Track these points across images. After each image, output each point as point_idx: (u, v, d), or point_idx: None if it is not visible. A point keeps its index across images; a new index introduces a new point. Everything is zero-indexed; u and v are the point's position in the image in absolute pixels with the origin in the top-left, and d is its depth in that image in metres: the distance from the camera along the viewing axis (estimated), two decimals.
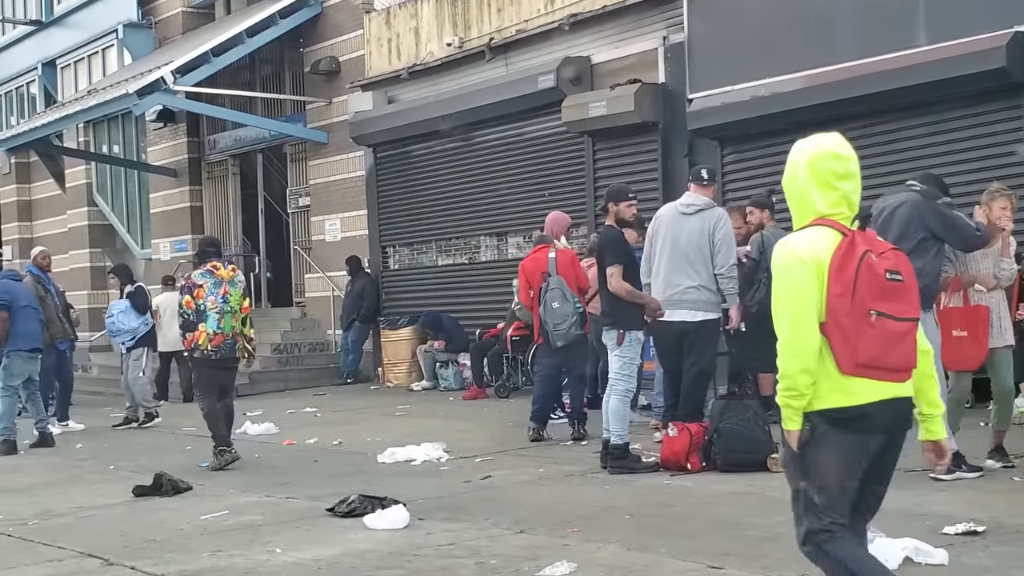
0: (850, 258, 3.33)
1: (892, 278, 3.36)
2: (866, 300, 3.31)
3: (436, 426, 10.38)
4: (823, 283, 3.34)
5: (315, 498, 7.18)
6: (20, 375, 10.62)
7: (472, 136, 14.48)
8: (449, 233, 15.02)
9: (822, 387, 3.34)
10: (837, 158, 3.52)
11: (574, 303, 8.98)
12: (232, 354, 9.05)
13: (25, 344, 10.58)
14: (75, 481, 8.68)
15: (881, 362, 3.32)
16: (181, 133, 20.06)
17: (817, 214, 3.47)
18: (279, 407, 13.04)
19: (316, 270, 17.07)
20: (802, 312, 3.35)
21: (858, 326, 3.30)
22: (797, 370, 3.32)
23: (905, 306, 3.37)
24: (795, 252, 3.40)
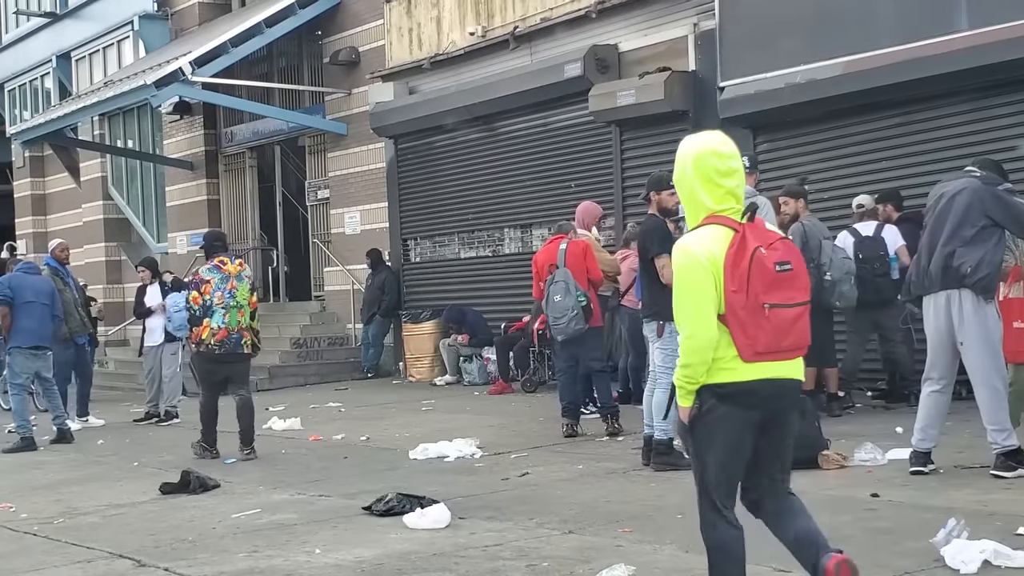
0: (742, 255, 3.57)
1: (782, 269, 3.60)
2: (759, 294, 3.57)
3: (465, 422, 10.17)
4: (720, 280, 3.59)
5: (349, 496, 6.96)
6: (24, 372, 10.39)
7: (496, 126, 14.24)
8: (472, 225, 14.78)
9: (716, 366, 3.61)
10: (719, 156, 3.71)
11: (576, 297, 8.73)
12: (237, 349, 8.98)
13: (25, 341, 10.30)
14: (99, 478, 8.48)
15: (777, 347, 3.62)
16: (198, 125, 19.85)
17: (707, 211, 3.69)
18: (301, 402, 12.84)
19: (335, 263, 16.85)
20: (702, 309, 3.60)
21: (755, 318, 3.57)
22: (698, 361, 3.62)
23: (795, 292, 3.64)
24: (692, 253, 3.64)
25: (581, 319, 8.73)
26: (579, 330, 8.76)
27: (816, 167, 10.77)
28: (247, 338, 9.03)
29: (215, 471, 8.04)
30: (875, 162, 10.55)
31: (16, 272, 10.67)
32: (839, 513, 5.42)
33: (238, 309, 8.94)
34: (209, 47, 15.71)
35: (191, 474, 7.64)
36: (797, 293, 3.66)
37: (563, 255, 8.98)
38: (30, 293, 10.43)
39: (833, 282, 8.52)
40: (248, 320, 9.02)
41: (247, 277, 9.16)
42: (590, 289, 8.82)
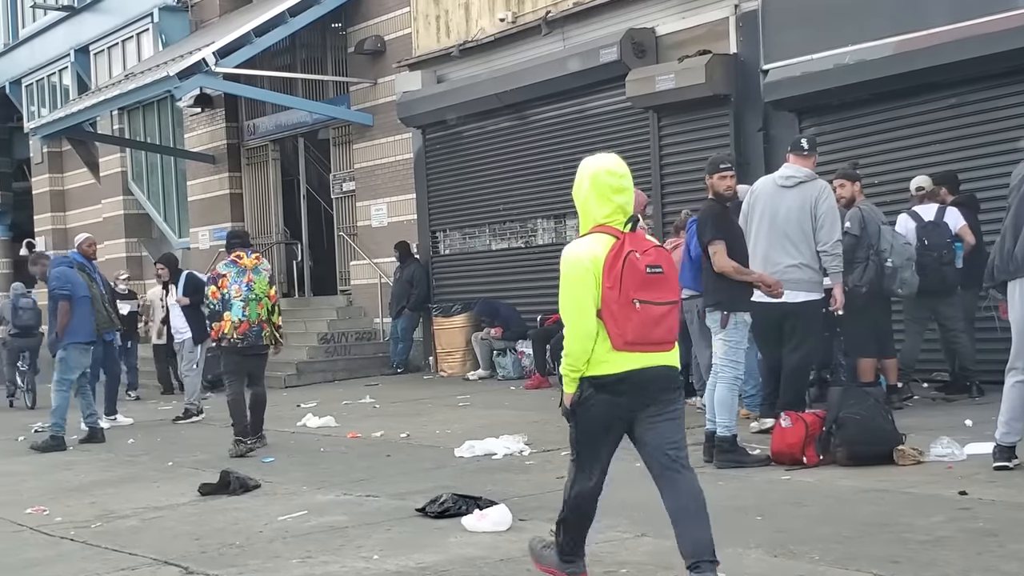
0: (618, 258, 4.05)
1: (652, 271, 4.08)
2: (630, 291, 4.05)
3: (507, 417, 9.86)
4: (599, 280, 4.07)
5: (398, 496, 6.66)
6: (77, 368, 10.17)
7: (527, 114, 13.91)
8: (503, 216, 14.45)
9: (595, 359, 4.11)
10: (613, 174, 4.22)
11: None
12: (259, 341, 9.07)
13: (83, 336, 10.13)
14: (134, 479, 8.19)
15: (646, 339, 4.09)
16: (219, 119, 19.56)
17: (596, 221, 4.21)
18: (332, 398, 12.55)
19: (362, 257, 16.55)
20: (582, 304, 4.11)
21: (625, 312, 4.05)
22: (579, 350, 4.12)
23: (664, 292, 4.12)
24: (577, 256, 4.17)
25: None
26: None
27: (865, 151, 10.41)
28: (267, 330, 9.11)
29: (254, 471, 7.74)
30: (927, 145, 10.18)
31: (64, 267, 10.39)
32: (931, 513, 5.10)
33: (257, 301, 9.00)
34: (232, 37, 15.41)
35: (231, 474, 7.35)
36: (666, 293, 4.14)
37: None
38: (82, 288, 10.23)
39: (895, 268, 8.16)
40: (267, 313, 9.07)
41: (265, 270, 9.20)
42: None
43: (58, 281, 10.19)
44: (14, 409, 15.93)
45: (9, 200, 27.65)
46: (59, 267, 10.38)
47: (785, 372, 7.61)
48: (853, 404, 6.48)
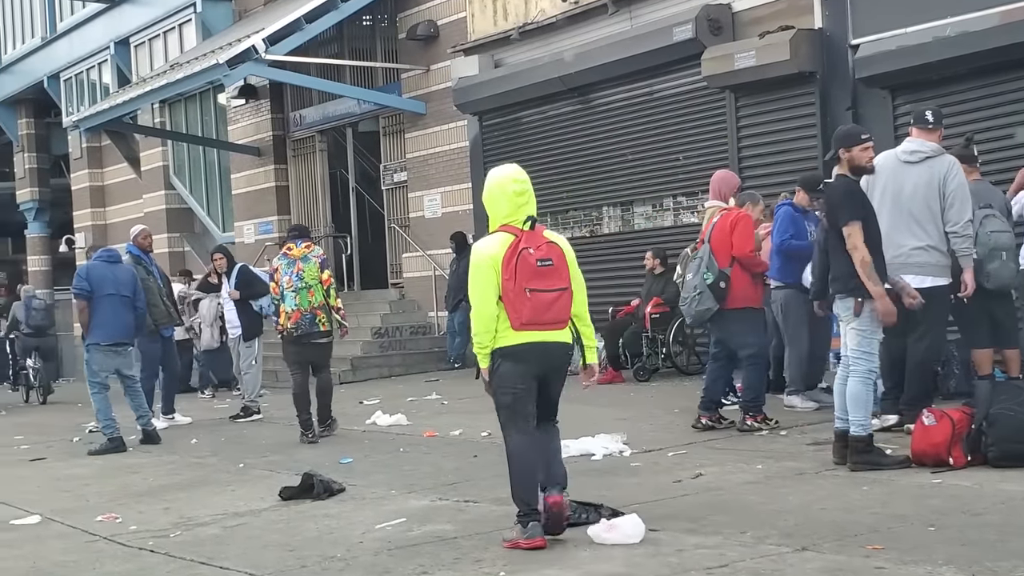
0: (513, 254, 4.90)
1: (542, 264, 4.93)
2: (523, 282, 4.88)
3: (590, 414, 9.28)
4: (498, 272, 4.92)
5: (500, 501, 6.10)
6: (103, 370, 9.64)
7: (592, 98, 13.33)
8: (567, 204, 13.88)
9: (500, 335, 4.99)
10: (515, 181, 5.08)
11: (703, 275, 7.84)
12: (313, 329, 9.20)
13: (103, 337, 9.54)
14: (204, 482, 7.69)
15: (537, 320, 4.93)
16: (264, 110, 19.09)
17: (502, 221, 5.06)
18: (395, 394, 12.05)
19: (415, 249, 16.03)
20: (485, 293, 4.98)
21: (519, 299, 4.89)
22: (483, 330, 5.02)
23: (553, 281, 4.97)
24: (482, 253, 5.06)
25: (708, 299, 7.85)
26: (705, 312, 7.89)
27: (968, 129, 9.75)
28: (321, 317, 9.21)
29: (333, 472, 7.22)
30: None
31: (95, 261, 9.87)
32: None
33: (307, 290, 9.15)
34: (282, 24, 14.91)
35: (314, 477, 6.82)
36: (555, 282, 4.99)
37: (711, 229, 8.09)
38: (110, 285, 9.65)
39: (979, 260, 7.34)
40: (320, 299, 9.19)
41: (315, 257, 9.36)
42: (734, 266, 7.90)
43: (77, 279, 9.68)
44: (29, 405, 16.19)
45: (47, 197, 27.34)
46: (89, 264, 9.84)
47: (910, 364, 7.04)
48: (1005, 399, 5.88)
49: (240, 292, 11.26)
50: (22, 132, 27.07)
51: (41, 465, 9.19)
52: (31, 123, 26.95)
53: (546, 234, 5.13)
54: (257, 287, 11.20)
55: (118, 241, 24.22)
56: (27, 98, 26.44)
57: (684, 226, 12.38)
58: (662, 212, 12.69)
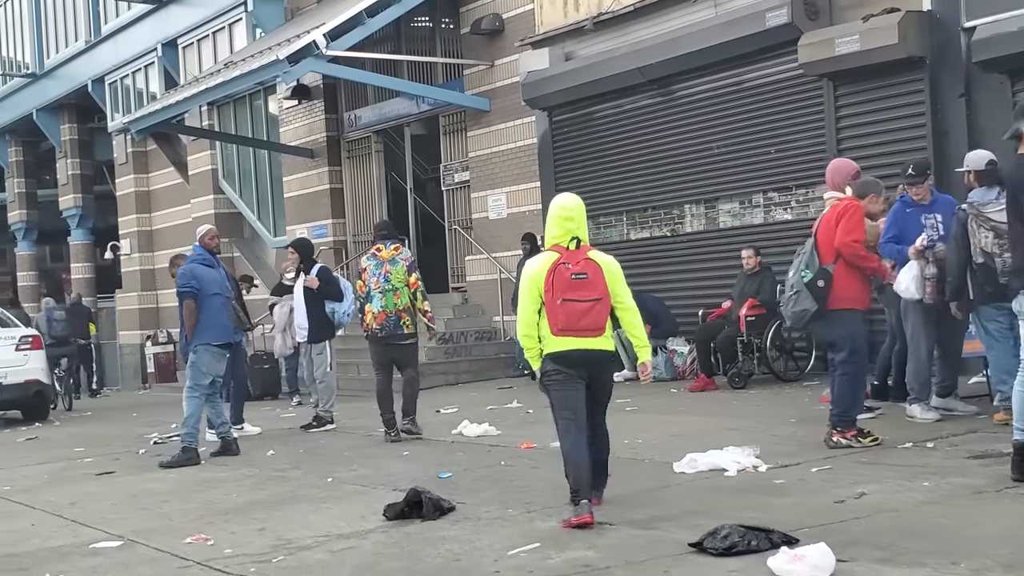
0: (552, 269, 5.63)
1: (576, 278, 5.60)
2: (558, 293, 5.60)
3: (699, 424, 8.65)
4: (540, 285, 5.66)
5: (642, 524, 5.47)
6: (211, 373, 9.16)
7: (673, 89, 12.68)
8: (644, 203, 13.23)
9: (545, 341, 5.72)
10: (564, 209, 5.78)
11: (801, 273, 7.14)
12: (397, 331, 9.23)
13: (215, 337, 9.11)
14: (294, 499, 7.08)
15: (573, 327, 5.62)
16: (317, 110, 18.58)
17: (552, 241, 5.78)
18: (471, 402, 11.44)
19: (479, 251, 15.43)
20: (525, 303, 5.76)
21: (554, 308, 5.62)
22: (523, 335, 5.82)
23: (587, 292, 5.61)
24: (528, 270, 5.81)
25: (806, 299, 7.12)
26: (802, 313, 7.16)
27: None
28: (405, 319, 9.24)
29: (433, 487, 6.59)
30: None
31: (191, 264, 9.38)
32: None
33: (393, 292, 9.19)
34: (343, 18, 14.35)
35: (423, 494, 6.20)
36: (589, 293, 5.58)
37: (819, 221, 7.40)
38: (216, 284, 9.25)
39: None
40: (406, 301, 9.22)
41: (403, 260, 9.36)
42: (838, 262, 7.14)
43: (183, 278, 9.25)
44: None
45: (90, 203, 26.99)
46: (189, 264, 9.39)
47: None
48: None
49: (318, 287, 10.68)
50: (65, 138, 26.73)
51: (111, 480, 8.62)
52: (74, 128, 26.62)
53: (590, 254, 5.76)
54: (333, 287, 10.63)
55: (164, 247, 23.82)
56: (70, 103, 26.10)
57: (775, 223, 11.71)
58: (751, 209, 12.01)
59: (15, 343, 14.00)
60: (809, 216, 11.39)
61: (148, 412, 15.15)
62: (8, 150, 29.70)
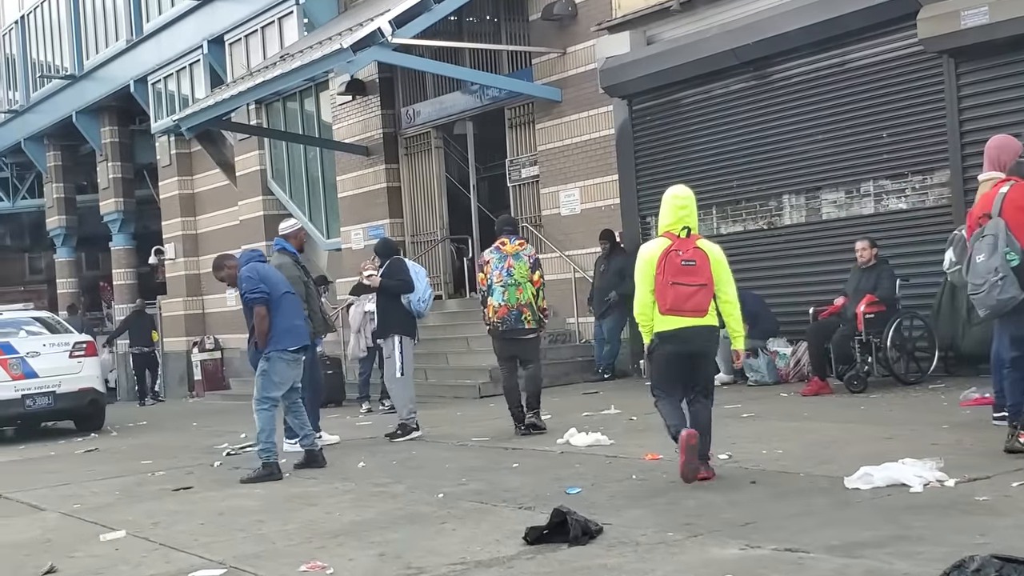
0: (664, 255, 6.30)
1: (686, 264, 6.27)
2: (669, 276, 6.29)
3: (834, 432, 7.83)
4: (653, 267, 6.34)
5: (844, 551, 4.65)
6: (285, 382, 8.35)
7: (770, 72, 11.86)
8: (737, 194, 12.41)
9: (655, 321, 6.41)
10: (678, 198, 6.44)
11: (1005, 256, 6.32)
12: (518, 325, 9.15)
13: (291, 343, 8.30)
14: (408, 518, 6.29)
15: (680, 307, 6.30)
16: (373, 106, 17.86)
17: (665, 228, 6.43)
18: (559, 408, 10.63)
19: (551, 249, 14.63)
20: (641, 284, 6.44)
21: (665, 289, 6.30)
22: (638, 312, 6.49)
23: (694, 278, 6.28)
24: (643, 253, 6.50)
25: (1013, 285, 6.32)
26: (1009, 301, 6.36)
27: None
28: (527, 314, 9.17)
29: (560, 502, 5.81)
30: None
31: (253, 263, 8.55)
32: None
33: (516, 287, 9.11)
34: (409, 4, 13.60)
35: (570, 516, 5.40)
36: (696, 279, 6.30)
37: (1000, 201, 6.56)
38: (284, 283, 8.47)
39: None
40: (528, 297, 9.14)
41: (527, 256, 9.26)
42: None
43: (249, 282, 8.28)
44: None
45: (132, 208, 26.42)
46: (248, 263, 8.49)
47: None
48: None
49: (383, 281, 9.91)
50: (105, 140, 26.16)
51: (190, 496, 7.88)
52: (115, 131, 26.03)
53: (699, 243, 6.36)
54: (395, 279, 9.80)
55: (210, 251, 23.14)
56: (110, 105, 25.53)
57: (888, 213, 10.89)
58: (859, 198, 11.17)
59: (68, 349, 13.31)
60: (927, 205, 10.58)
61: (207, 421, 14.47)
62: (47, 154, 29.20)
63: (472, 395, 13.16)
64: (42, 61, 28.22)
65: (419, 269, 10.20)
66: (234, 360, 22.04)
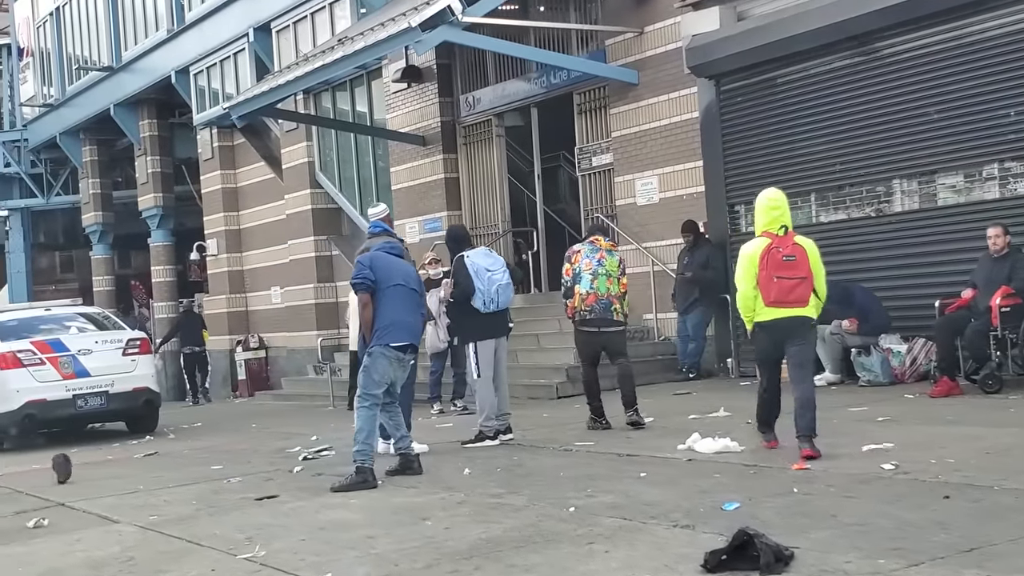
0: (766, 252, 6.88)
1: (787, 259, 6.85)
2: (772, 271, 6.84)
3: (1011, 439, 6.98)
4: (755, 264, 6.91)
5: None
6: (385, 381, 7.59)
7: (880, 47, 10.98)
8: (839, 180, 11.52)
9: (758, 312, 6.99)
10: (771, 200, 7.06)
11: None
12: (606, 314, 8.96)
13: (394, 338, 7.55)
14: (545, 537, 5.46)
15: (783, 300, 6.87)
16: (430, 93, 17.07)
17: (763, 228, 7.02)
18: (656, 410, 9.81)
19: (627, 241, 13.79)
20: (744, 281, 7.00)
21: (768, 283, 6.87)
22: (742, 307, 7.11)
23: (795, 272, 6.85)
24: (745, 252, 7.06)
25: None
26: None
27: None
28: (616, 306, 9.00)
29: (716, 517, 5.01)
30: None
31: (374, 252, 7.85)
32: None
33: (607, 277, 8.95)
34: None
35: (757, 539, 4.60)
36: (797, 272, 6.84)
37: None
38: (398, 274, 7.71)
39: None
40: (617, 289, 9.01)
41: (618, 256, 9.21)
42: None
43: (358, 267, 7.70)
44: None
45: (171, 203, 25.76)
46: (373, 252, 7.83)
47: None
48: None
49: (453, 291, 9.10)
50: (144, 134, 25.49)
51: (278, 506, 7.09)
52: (154, 124, 25.35)
53: (796, 239, 6.95)
54: (456, 283, 8.93)
55: (254, 247, 22.46)
56: (149, 98, 24.84)
57: (1015, 199, 9.99)
58: (981, 183, 10.29)
59: (121, 347, 12.56)
60: None
61: (265, 422, 13.75)
62: (83, 149, 28.60)
63: (549, 395, 12.36)
64: (77, 55, 27.61)
65: (487, 262, 8.95)
66: (279, 359, 21.33)
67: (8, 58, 33.55)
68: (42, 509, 7.75)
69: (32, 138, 31.00)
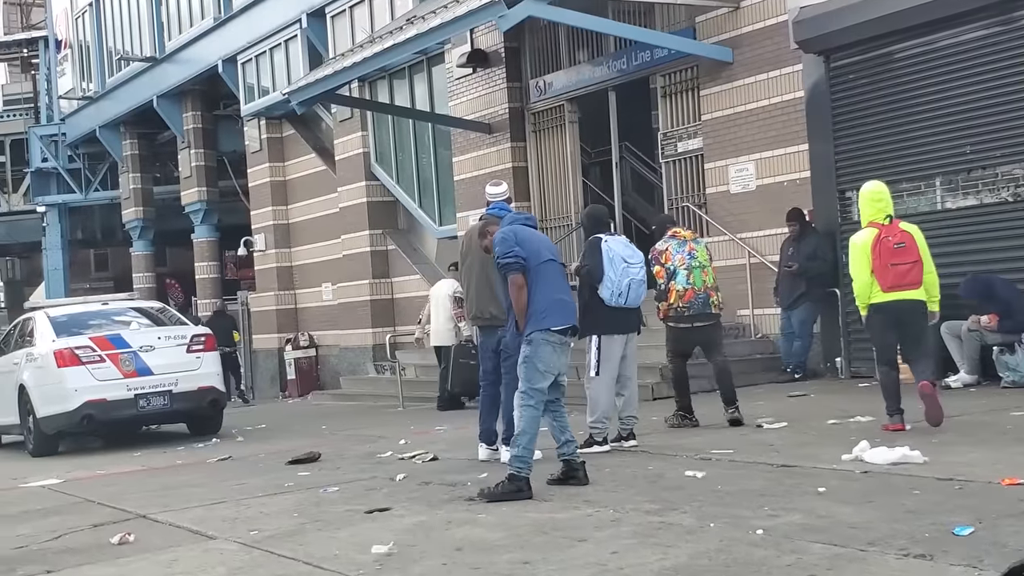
0: (877, 242, 7.39)
1: (898, 247, 7.36)
2: (886, 259, 7.36)
3: None
4: (868, 254, 7.42)
5: None
6: (551, 370, 6.63)
7: (1017, 16, 10.02)
8: (969, 163, 10.55)
9: (874, 295, 7.43)
10: (874, 193, 7.61)
11: None
12: (705, 308, 8.76)
13: (555, 321, 6.64)
14: (745, 567, 4.57)
15: (899, 284, 7.37)
16: (497, 78, 16.20)
17: (868, 219, 7.58)
18: (777, 414, 8.91)
19: (719, 232, 12.87)
20: (861, 270, 7.49)
21: (884, 271, 7.38)
22: (858, 294, 7.56)
23: (907, 256, 7.38)
24: (857, 243, 7.55)
25: None
26: None
27: None
28: (714, 298, 8.80)
29: (951, 547, 4.09)
30: None
31: (513, 225, 6.95)
32: None
33: (701, 269, 8.75)
34: None
35: None
36: (908, 257, 7.38)
37: None
38: (547, 250, 6.86)
39: None
40: (713, 280, 8.82)
41: (704, 243, 9.14)
42: None
43: (503, 244, 6.75)
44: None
45: (215, 197, 25.04)
46: (507, 225, 6.95)
47: None
48: None
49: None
50: (188, 127, 24.80)
51: (395, 521, 6.19)
52: (198, 116, 24.65)
53: (902, 225, 7.56)
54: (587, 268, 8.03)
55: (304, 242, 21.63)
56: (193, 89, 24.16)
57: None
58: None
59: (186, 343, 11.73)
60: None
61: (333, 424, 12.93)
62: (123, 143, 27.92)
63: (644, 396, 11.36)
64: (118, 47, 26.91)
65: (626, 252, 8.02)
66: (330, 358, 20.52)
67: (45, 51, 32.99)
68: (122, 522, 6.91)
69: (70, 132, 30.39)
